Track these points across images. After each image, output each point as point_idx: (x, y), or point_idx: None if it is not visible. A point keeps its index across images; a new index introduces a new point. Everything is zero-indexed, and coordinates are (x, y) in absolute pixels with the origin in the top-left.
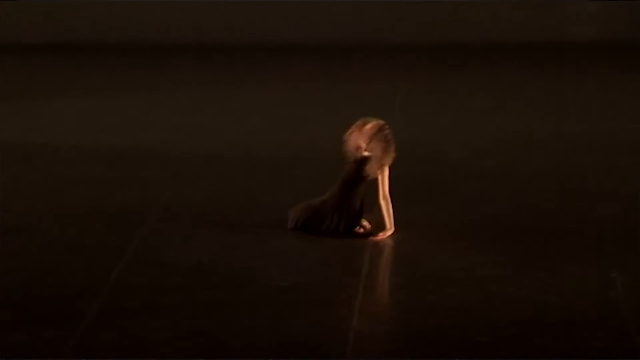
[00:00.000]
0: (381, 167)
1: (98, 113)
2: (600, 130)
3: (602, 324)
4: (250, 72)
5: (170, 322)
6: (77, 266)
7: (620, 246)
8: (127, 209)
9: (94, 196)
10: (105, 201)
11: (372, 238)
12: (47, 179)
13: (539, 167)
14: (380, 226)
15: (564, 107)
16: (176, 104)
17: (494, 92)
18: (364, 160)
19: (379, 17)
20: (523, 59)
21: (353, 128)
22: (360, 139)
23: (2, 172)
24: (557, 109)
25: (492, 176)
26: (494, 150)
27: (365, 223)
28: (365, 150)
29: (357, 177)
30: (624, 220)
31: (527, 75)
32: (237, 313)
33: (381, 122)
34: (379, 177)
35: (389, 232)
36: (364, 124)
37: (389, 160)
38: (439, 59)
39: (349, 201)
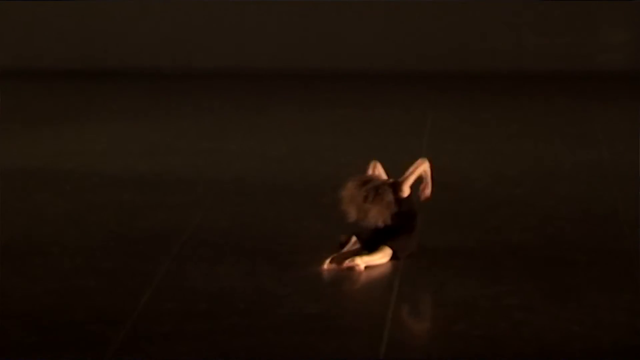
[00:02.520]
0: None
1: (125, 138)
2: (626, 159)
3: (631, 354)
4: (276, 99)
5: (197, 347)
6: (104, 291)
7: None
8: (153, 235)
9: (121, 221)
10: (132, 227)
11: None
12: (74, 204)
13: (566, 195)
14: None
15: (590, 136)
16: (202, 130)
17: (521, 120)
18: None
19: (406, 44)
20: (550, 87)
21: (351, 191)
22: (363, 212)
23: (30, 197)
24: (584, 138)
25: (519, 204)
26: (520, 179)
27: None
28: (374, 219)
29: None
30: None
31: (554, 104)
32: (263, 340)
33: (369, 185)
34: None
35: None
36: (359, 192)
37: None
38: (467, 86)
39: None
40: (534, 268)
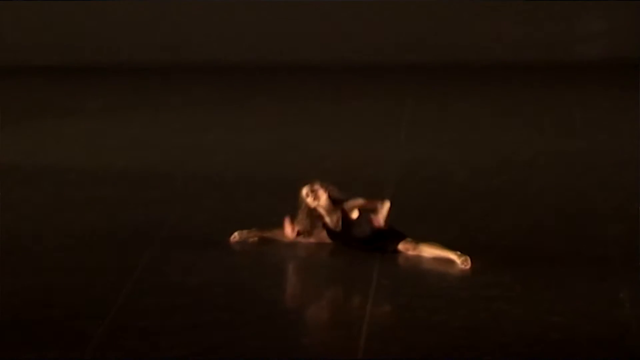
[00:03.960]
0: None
1: (103, 134)
2: (603, 148)
3: (610, 344)
4: (256, 92)
5: (178, 342)
6: (84, 287)
7: (627, 266)
8: (133, 230)
9: (100, 217)
10: (112, 222)
11: None
12: (53, 200)
13: (544, 186)
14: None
15: (568, 126)
16: (182, 124)
17: (498, 111)
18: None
19: (384, 37)
20: (528, 78)
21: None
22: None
23: (9, 193)
24: (562, 128)
25: (497, 196)
26: (498, 170)
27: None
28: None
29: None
30: (630, 239)
31: (532, 94)
32: (244, 333)
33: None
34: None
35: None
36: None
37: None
38: (445, 78)
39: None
40: (513, 259)
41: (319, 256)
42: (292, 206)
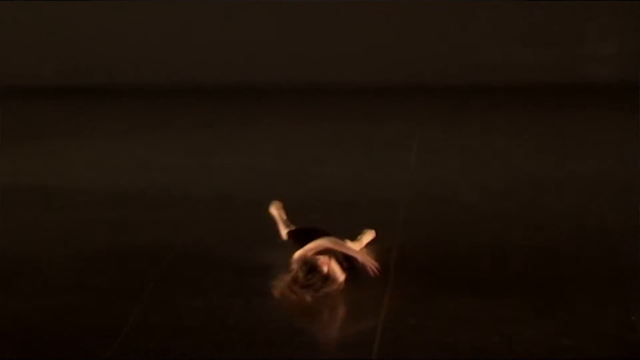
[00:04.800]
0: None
1: (112, 155)
2: (614, 170)
3: None
4: (265, 114)
5: None
6: (93, 308)
7: (639, 289)
8: (141, 251)
9: (108, 238)
10: (120, 243)
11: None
12: (62, 221)
13: (555, 208)
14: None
15: (579, 148)
16: (190, 145)
17: (508, 133)
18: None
19: (394, 59)
20: (538, 100)
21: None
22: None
23: (18, 214)
24: (573, 150)
25: (508, 218)
26: (509, 192)
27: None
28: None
29: None
30: None
31: (542, 116)
32: (253, 355)
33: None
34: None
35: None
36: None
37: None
38: (454, 100)
39: None
40: (523, 281)
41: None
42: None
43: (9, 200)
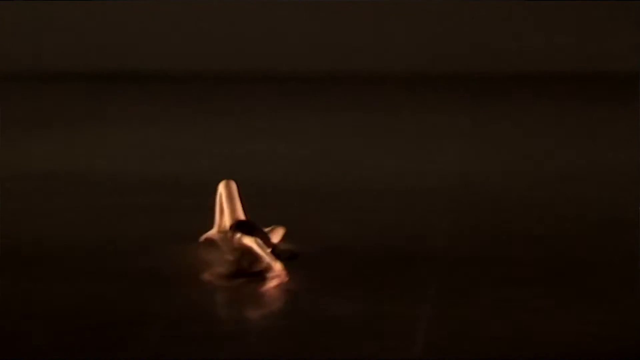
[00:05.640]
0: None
1: (140, 142)
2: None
3: None
4: (295, 103)
5: (223, 349)
6: (120, 295)
7: None
8: (169, 236)
9: (136, 224)
10: (147, 229)
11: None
12: (88, 207)
13: (582, 198)
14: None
15: (606, 138)
16: (219, 133)
17: (536, 123)
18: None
19: (419, 47)
20: (561, 89)
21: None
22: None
23: (44, 200)
24: (599, 139)
25: (534, 208)
26: (537, 182)
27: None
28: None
29: None
30: None
31: (566, 106)
32: (287, 344)
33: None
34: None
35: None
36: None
37: None
38: (478, 89)
39: None
40: (546, 269)
41: (372, 265)
42: (324, 214)
43: (36, 186)
